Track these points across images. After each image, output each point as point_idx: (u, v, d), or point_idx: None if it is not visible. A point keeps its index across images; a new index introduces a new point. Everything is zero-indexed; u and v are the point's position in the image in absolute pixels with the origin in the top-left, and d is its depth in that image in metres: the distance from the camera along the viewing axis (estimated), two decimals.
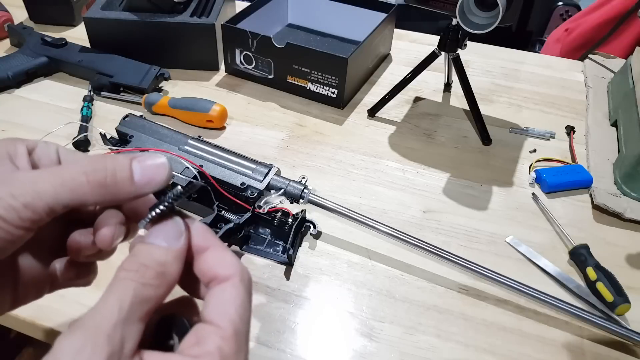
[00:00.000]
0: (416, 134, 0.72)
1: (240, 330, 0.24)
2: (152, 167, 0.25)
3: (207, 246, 0.26)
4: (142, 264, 0.23)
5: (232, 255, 0.26)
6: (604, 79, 0.85)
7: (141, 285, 0.23)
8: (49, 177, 0.24)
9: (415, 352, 0.46)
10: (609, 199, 0.60)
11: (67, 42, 0.80)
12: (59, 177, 0.24)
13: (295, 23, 0.95)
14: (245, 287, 0.25)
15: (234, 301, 0.24)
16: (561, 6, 1.54)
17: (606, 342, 0.47)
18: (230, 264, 0.25)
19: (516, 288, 0.47)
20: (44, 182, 0.23)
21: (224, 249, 0.26)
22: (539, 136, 0.73)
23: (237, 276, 0.25)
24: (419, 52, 0.89)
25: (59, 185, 0.24)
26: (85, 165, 0.24)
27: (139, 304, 0.22)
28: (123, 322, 0.21)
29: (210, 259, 0.26)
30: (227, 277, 0.25)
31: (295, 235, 0.52)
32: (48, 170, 0.25)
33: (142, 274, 0.23)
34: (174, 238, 0.25)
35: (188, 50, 0.81)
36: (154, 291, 0.23)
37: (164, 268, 0.24)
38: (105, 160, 0.25)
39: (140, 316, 0.22)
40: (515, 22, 0.98)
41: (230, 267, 0.25)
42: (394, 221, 0.58)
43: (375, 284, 0.51)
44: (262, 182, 0.52)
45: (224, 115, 0.70)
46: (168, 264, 0.24)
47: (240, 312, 0.24)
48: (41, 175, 0.24)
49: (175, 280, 0.24)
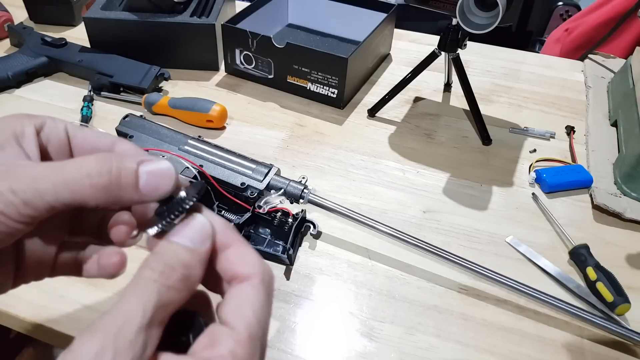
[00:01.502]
0: (416, 134, 0.72)
1: (256, 333, 0.23)
2: (159, 175, 0.25)
3: (229, 243, 0.25)
4: (168, 265, 0.22)
5: (254, 254, 0.25)
6: (604, 79, 0.85)
7: (166, 288, 0.22)
8: (51, 175, 0.23)
9: (415, 352, 0.46)
10: (609, 199, 0.60)
11: (67, 42, 0.80)
12: (61, 176, 0.23)
13: (295, 23, 0.95)
14: (265, 289, 0.24)
15: (252, 303, 0.23)
16: (561, 6, 1.54)
17: (606, 342, 0.47)
18: (252, 263, 0.24)
19: (516, 288, 0.47)
20: (45, 180, 0.23)
21: (246, 247, 0.25)
22: (539, 136, 0.73)
23: (258, 276, 0.24)
24: (419, 52, 0.89)
25: (61, 185, 0.23)
26: (90, 166, 0.24)
27: (163, 308, 0.21)
28: (147, 327, 0.20)
29: (232, 256, 0.25)
30: (248, 277, 0.24)
31: (295, 235, 0.52)
32: (51, 166, 0.24)
33: (168, 276, 0.22)
34: (200, 240, 0.24)
35: (188, 50, 0.81)
36: (177, 295, 0.22)
37: (189, 271, 0.23)
38: (111, 162, 0.24)
39: (162, 320, 0.22)
40: (515, 22, 0.98)
41: (252, 266, 0.24)
42: (393, 221, 0.58)
43: (375, 284, 0.51)
44: (262, 182, 0.53)
45: (224, 115, 0.70)
46: (193, 267, 0.23)
47: (258, 315, 0.23)
48: (44, 172, 0.23)
49: (198, 284, 0.24)
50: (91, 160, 0.24)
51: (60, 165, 0.24)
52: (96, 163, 0.24)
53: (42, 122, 0.27)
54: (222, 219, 0.26)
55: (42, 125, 0.27)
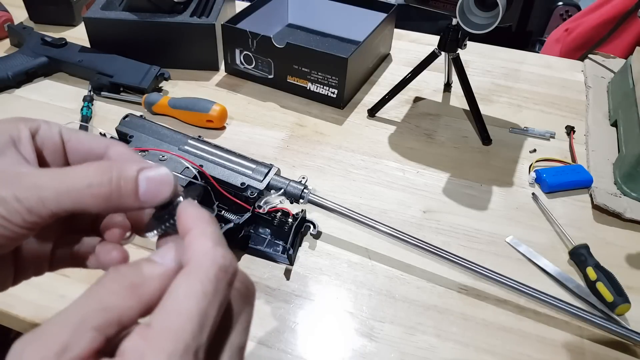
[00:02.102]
0: (416, 134, 0.72)
1: (188, 346, 0.19)
2: (158, 182, 0.25)
3: (194, 227, 0.23)
4: (122, 273, 0.22)
5: (206, 241, 0.22)
6: (604, 79, 0.85)
7: (109, 293, 0.20)
8: (54, 184, 0.23)
9: (415, 352, 0.46)
10: (609, 199, 0.60)
11: (67, 42, 0.80)
12: (64, 185, 0.23)
13: (295, 23, 0.95)
14: (207, 281, 0.20)
15: (184, 303, 0.20)
16: (561, 6, 1.54)
17: (606, 342, 0.47)
18: (196, 249, 0.22)
19: (516, 288, 0.47)
20: (48, 188, 0.23)
21: (204, 234, 0.22)
22: (539, 136, 0.73)
23: (194, 264, 0.21)
24: (419, 52, 0.89)
25: (64, 194, 0.23)
26: (91, 176, 0.24)
27: (99, 312, 0.20)
28: (75, 327, 0.19)
29: (186, 241, 0.23)
30: (184, 265, 0.21)
31: (295, 235, 0.52)
32: (53, 174, 0.24)
33: (117, 281, 0.21)
34: (170, 258, 0.23)
35: (188, 50, 0.81)
36: (122, 302, 0.20)
37: (143, 281, 0.21)
38: (112, 171, 0.24)
39: (97, 326, 0.19)
40: (515, 22, 0.98)
41: (194, 252, 0.21)
42: (393, 221, 0.58)
43: (375, 284, 0.51)
44: (262, 182, 0.53)
45: (224, 115, 0.70)
46: (150, 279, 0.22)
47: (193, 322, 0.19)
48: (46, 180, 0.24)
49: (152, 303, 0.21)
50: (92, 169, 0.24)
51: (62, 174, 0.24)
52: (96, 172, 0.24)
53: (37, 126, 0.27)
54: (191, 201, 0.25)
55: (37, 129, 0.27)
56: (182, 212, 0.24)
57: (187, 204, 0.25)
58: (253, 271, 0.51)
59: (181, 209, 0.24)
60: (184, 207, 0.24)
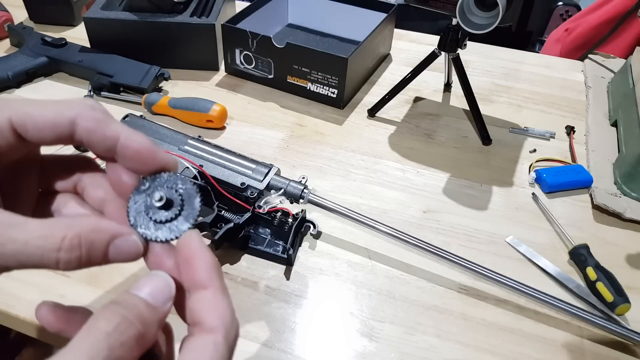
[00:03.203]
0: (416, 134, 0.72)
1: None
2: (126, 253, 0.24)
3: (207, 285, 0.24)
4: (126, 319, 0.21)
5: (226, 306, 0.23)
6: (604, 79, 0.85)
7: (118, 344, 0.20)
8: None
9: (415, 352, 0.46)
10: (609, 199, 0.60)
11: (67, 42, 0.80)
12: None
13: (295, 23, 0.95)
14: (228, 347, 0.22)
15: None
16: (561, 6, 1.54)
17: (606, 342, 0.47)
18: (221, 315, 0.23)
19: (516, 288, 0.47)
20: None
21: (222, 296, 0.24)
22: (539, 136, 0.73)
23: (222, 332, 0.22)
24: (419, 52, 0.89)
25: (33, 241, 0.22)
26: (63, 233, 0.22)
27: None
28: None
29: (204, 301, 0.23)
30: (211, 330, 0.22)
31: (295, 235, 0.52)
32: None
33: (123, 331, 0.21)
34: (162, 300, 0.23)
35: (188, 50, 0.81)
36: (128, 353, 0.21)
37: (146, 329, 0.22)
38: (82, 235, 0.23)
39: None
40: (515, 22, 0.98)
41: (219, 318, 0.23)
42: (393, 221, 0.58)
43: (375, 284, 0.51)
44: (262, 182, 0.53)
45: (224, 115, 0.70)
46: (150, 325, 0.22)
47: None
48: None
49: (151, 344, 0.22)
50: (71, 228, 0.23)
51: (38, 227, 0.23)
52: (70, 230, 0.23)
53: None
54: (212, 255, 0.25)
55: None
56: (194, 257, 0.24)
57: (198, 244, 0.24)
58: (253, 271, 0.51)
59: (192, 252, 0.24)
60: (195, 251, 0.24)
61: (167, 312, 0.23)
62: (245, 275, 0.51)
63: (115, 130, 0.25)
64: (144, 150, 0.25)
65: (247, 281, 0.50)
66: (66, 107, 0.25)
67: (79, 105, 0.25)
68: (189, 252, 0.24)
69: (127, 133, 0.25)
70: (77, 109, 0.25)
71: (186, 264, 0.24)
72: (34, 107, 0.24)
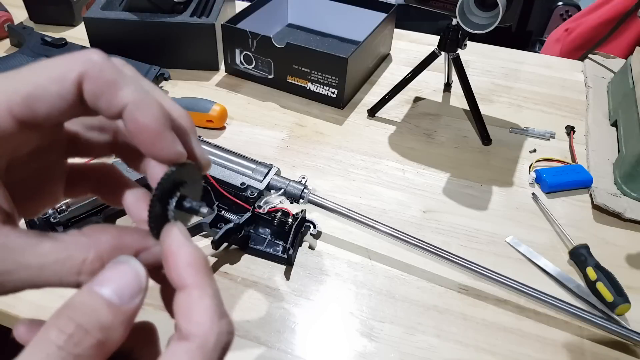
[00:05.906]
0: (416, 134, 0.72)
1: None
2: (151, 266, 0.22)
3: (186, 284, 0.20)
4: (81, 327, 0.18)
5: (207, 309, 0.20)
6: (604, 79, 0.85)
7: (72, 357, 0.17)
8: None
9: (415, 352, 0.46)
10: (609, 199, 0.60)
11: (67, 42, 0.80)
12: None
13: (295, 23, 0.95)
14: (204, 356, 0.19)
15: None
16: (561, 6, 1.54)
17: (606, 342, 0.47)
18: (198, 321, 0.19)
19: (516, 288, 0.47)
20: None
21: (200, 297, 0.20)
22: (539, 136, 0.73)
23: (198, 340, 0.19)
24: (419, 52, 0.89)
25: None
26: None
27: None
28: None
29: (181, 302, 0.20)
30: (186, 337, 0.19)
31: (295, 235, 0.52)
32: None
33: (77, 342, 0.18)
34: (129, 295, 0.19)
35: (188, 50, 0.81)
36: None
37: (107, 335, 0.18)
38: (104, 255, 0.20)
39: None
40: (515, 22, 0.98)
41: (197, 325, 0.19)
42: (393, 221, 0.58)
43: (375, 284, 0.51)
44: (262, 182, 0.53)
45: (224, 115, 0.70)
46: (112, 330, 0.18)
47: None
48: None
49: (115, 349, 0.19)
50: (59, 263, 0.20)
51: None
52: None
53: None
54: (193, 252, 0.21)
55: None
56: (172, 254, 0.21)
57: (178, 239, 0.21)
58: (253, 271, 0.51)
59: (170, 248, 0.21)
60: (174, 247, 0.21)
61: (136, 308, 0.20)
62: (245, 275, 0.51)
63: (124, 97, 0.20)
64: (149, 131, 0.21)
65: (247, 281, 0.50)
66: (67, 67, 0.20)
67: (82, 61, 0.20)
68: (165, 249, 0.21)
69: (138, 101, 0.20)
70: (79, 66, 0.20)
71: (164, 262, 0.21)
72: (28, 86, 0.20)
